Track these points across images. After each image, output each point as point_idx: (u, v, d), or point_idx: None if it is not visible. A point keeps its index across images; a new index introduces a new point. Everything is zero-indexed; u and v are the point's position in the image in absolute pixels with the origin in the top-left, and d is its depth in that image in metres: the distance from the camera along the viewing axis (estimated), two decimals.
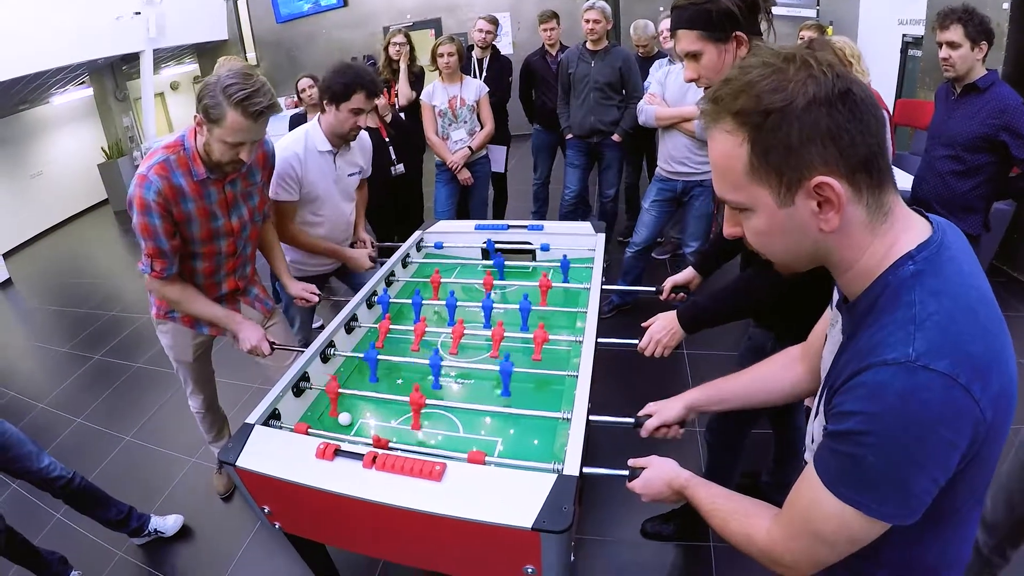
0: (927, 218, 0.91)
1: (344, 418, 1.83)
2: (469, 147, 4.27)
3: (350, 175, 2.87)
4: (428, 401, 1.77)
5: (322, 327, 2.46)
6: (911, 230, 0.88)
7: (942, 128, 2.80)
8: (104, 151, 8.77)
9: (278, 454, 1.55)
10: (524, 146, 5.73)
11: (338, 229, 2.90)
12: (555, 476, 1.36)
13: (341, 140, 2.70)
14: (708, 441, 2.38)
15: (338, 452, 1.48)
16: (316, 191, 2.72)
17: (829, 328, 1.10)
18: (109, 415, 3.81)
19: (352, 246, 3.09)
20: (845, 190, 0.82)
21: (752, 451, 2.41)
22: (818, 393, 1.03)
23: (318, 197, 2.75)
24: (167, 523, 2.79)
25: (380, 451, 1.47)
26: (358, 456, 1.46)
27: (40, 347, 5.05)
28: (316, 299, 2.52)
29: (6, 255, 6.96)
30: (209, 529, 2.84)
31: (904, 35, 5.64)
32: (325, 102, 2.61)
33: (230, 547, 2.69)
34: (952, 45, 2.63)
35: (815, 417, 1.02)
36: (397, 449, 1.59)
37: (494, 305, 2.22)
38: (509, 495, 1.35)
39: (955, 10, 2.62)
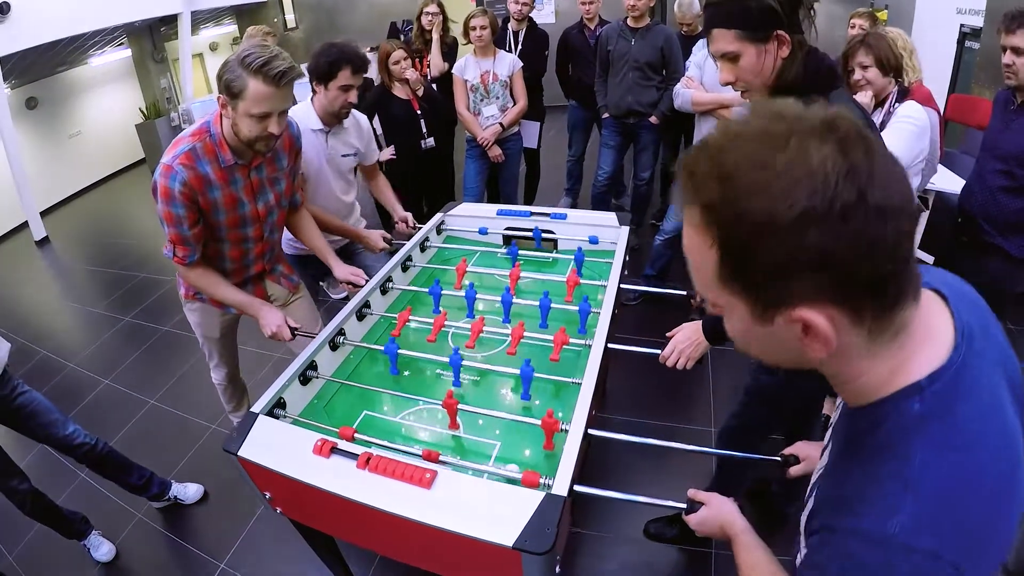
0: (951, 310, 0.75)
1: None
2: (500, 124, 4.19)
3: (343, 155, 2.85)
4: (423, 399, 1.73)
5: (347, 298, 2.42)
6: (925, 349, 0.72)
7: (997, 139, 2.59)
8: (142, 112, 8.85)
9: (278, 446, 1.55)
10: (559, 119, 5.62)
11: (333, 209, 2.88)
12: (543, 495, 1.33)
13: (335, 118, 2.71)
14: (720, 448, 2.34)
15: (334, 450, 1.48)
16: (308, 170, 2.71)
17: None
18: (136, 378, 3.89)
19: (392, 225, 3.07)
20: (840, 318, 0.65)
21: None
22: (818, 464, 0.94)
23: (310, 176, 2.75)
24: (188, 491, 2.86)
25: (375, 451, 1.45)
26: (353, 456, 1.46)
27: (74, 307, 5.16)
28: (364, 281, 2.44)
29: (44, 213, 7.10)
30: (224, 496, 2.90)
31: (962, 25, 5.38)
32: (314, 83, 2.62)
33: (243, 516, 2.75)
34: (1017, 51, 2.38)
35: (809, 494, 0.93)
36: (395, 449, 1.58)
37: (514, 300, 2.17)
38: (495, 509, 1.32)
39: None
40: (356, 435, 1.64)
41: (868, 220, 0.59)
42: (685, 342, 1.86)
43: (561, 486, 1.37)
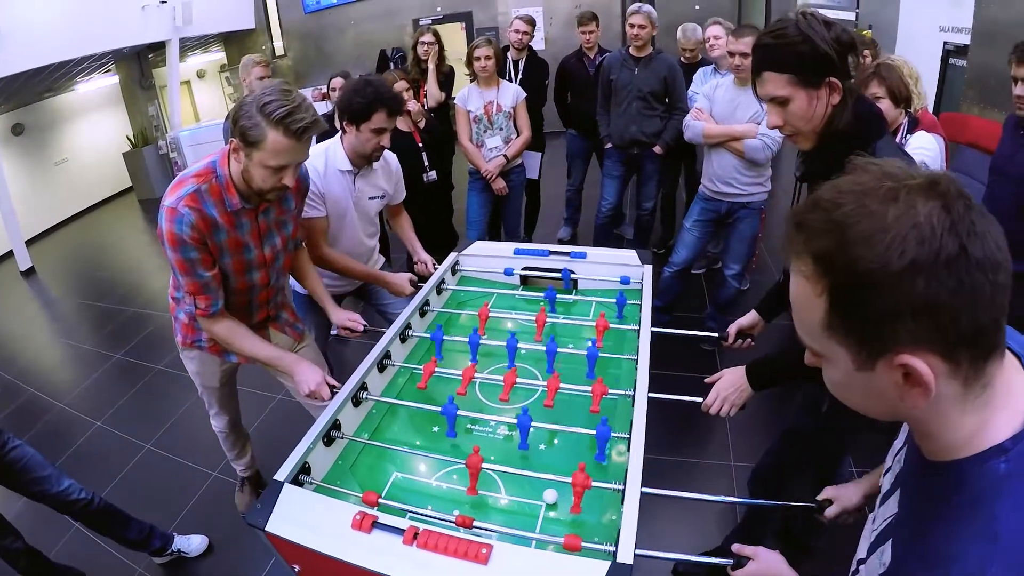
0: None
1: (550, 495, 1.61)
2: (504, 155, 4.12)
3: (371, 198, 2.73)
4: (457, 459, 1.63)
5: (338, 336, 2.34)
6: (1007, 406, 0.73)
7: (1007, 164, 2.58)
8: (129, 139, 8.74)
9: (310, 520, 1.43)
10: (555, 145, 5.56)
11: (355, 253, 2.76)
12: (608, 564, 1.24)
13: (364, 160, 2.58)
14: (751, 490, 2.28)
15: (376, 524, 1.37)
16: (334, 212, 2.60)
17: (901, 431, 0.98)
18: (129, 420, 3.75)
19: (412, 268, 2.97)
20: (940, 366, 0.68)
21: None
22: (872, 517, 0.94)
23: (335, 219, 2.62)
24: (191, 544, 2.72)
25: (422, 526, 1.35)
26: (398, 531, 1.35)
27: (62, 342, 5.02)
28: (361, 328, 2.34)
29: (29, 242, 6.95)
30: (230, 549, 2.76)
31: (945, 43, 5.45)
32: (345, 122, 2.49)
33: (252, 568, 2.61)
34: None
35: (865, 542, 0.92)
36: (429, 517, 1.49)
37: (557, 349, 2.06)
38: None
39: None
40: (381, 500, 1.54)
41: (969, 271, 0.64)
42: (729, 388, 1.80)
43: (626, 553, 1.28)
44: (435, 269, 2.83)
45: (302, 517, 1.45)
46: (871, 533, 0.91)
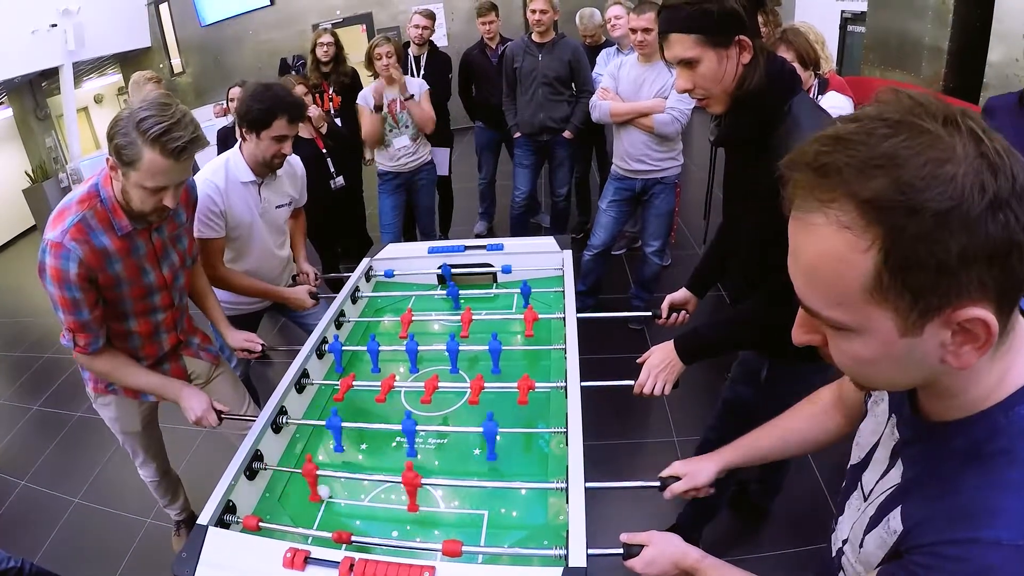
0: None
1: (324, 491, 1.63)
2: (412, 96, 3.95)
3: (278, 207, 2.61)
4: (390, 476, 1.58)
5: (264, 352, 2.29)
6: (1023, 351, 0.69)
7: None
8: (28, 175, 8.26)
9: (239, 563, 1.35)
10: (463, 141, 5.48)
11: (267, 267, 2.64)
12: (561, 570, 1.21)
13: (266, 169, 2.45)
14: None
15: (308, 560, 1.29)
16: (240, 226, 2.47)
17: (871, 404, 0.95)
18: (55, 474, 3.53)
19: (294, 279, 2.84)
20: (992, 316, 0.60)
21: None
22: (847, 484, 0.92)
23: (242, 233, 2.49)
24: None
25: (357, 556, 1.28)
26: (333, 564, 1.27)
27: None
28: (259, 349, 2.27)
29: None
30: None
31: (843, 11, 5.70)
32: (244, 130, 2.36)
33: None
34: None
35: (848, 522, 0.89)
36: (367, 543, 1.42)
37: (460, 347, 2.00)
38: None
39: None
40: (262, 523, 1.47)
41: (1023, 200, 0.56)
42: (660, 365, 1.77)
43: (578, 556, 1.24)
44: (317, 281, 2.77)
45: (231, 562, 1.36)
46: (861, 512, 0.86)
